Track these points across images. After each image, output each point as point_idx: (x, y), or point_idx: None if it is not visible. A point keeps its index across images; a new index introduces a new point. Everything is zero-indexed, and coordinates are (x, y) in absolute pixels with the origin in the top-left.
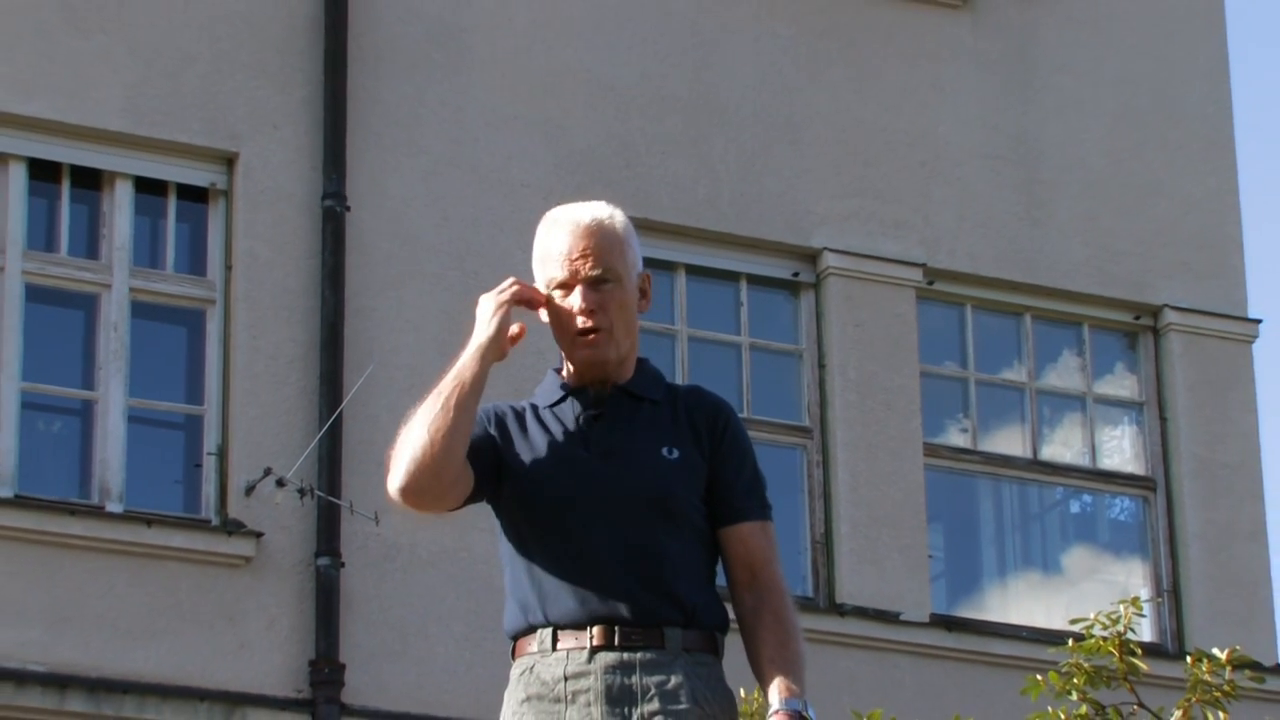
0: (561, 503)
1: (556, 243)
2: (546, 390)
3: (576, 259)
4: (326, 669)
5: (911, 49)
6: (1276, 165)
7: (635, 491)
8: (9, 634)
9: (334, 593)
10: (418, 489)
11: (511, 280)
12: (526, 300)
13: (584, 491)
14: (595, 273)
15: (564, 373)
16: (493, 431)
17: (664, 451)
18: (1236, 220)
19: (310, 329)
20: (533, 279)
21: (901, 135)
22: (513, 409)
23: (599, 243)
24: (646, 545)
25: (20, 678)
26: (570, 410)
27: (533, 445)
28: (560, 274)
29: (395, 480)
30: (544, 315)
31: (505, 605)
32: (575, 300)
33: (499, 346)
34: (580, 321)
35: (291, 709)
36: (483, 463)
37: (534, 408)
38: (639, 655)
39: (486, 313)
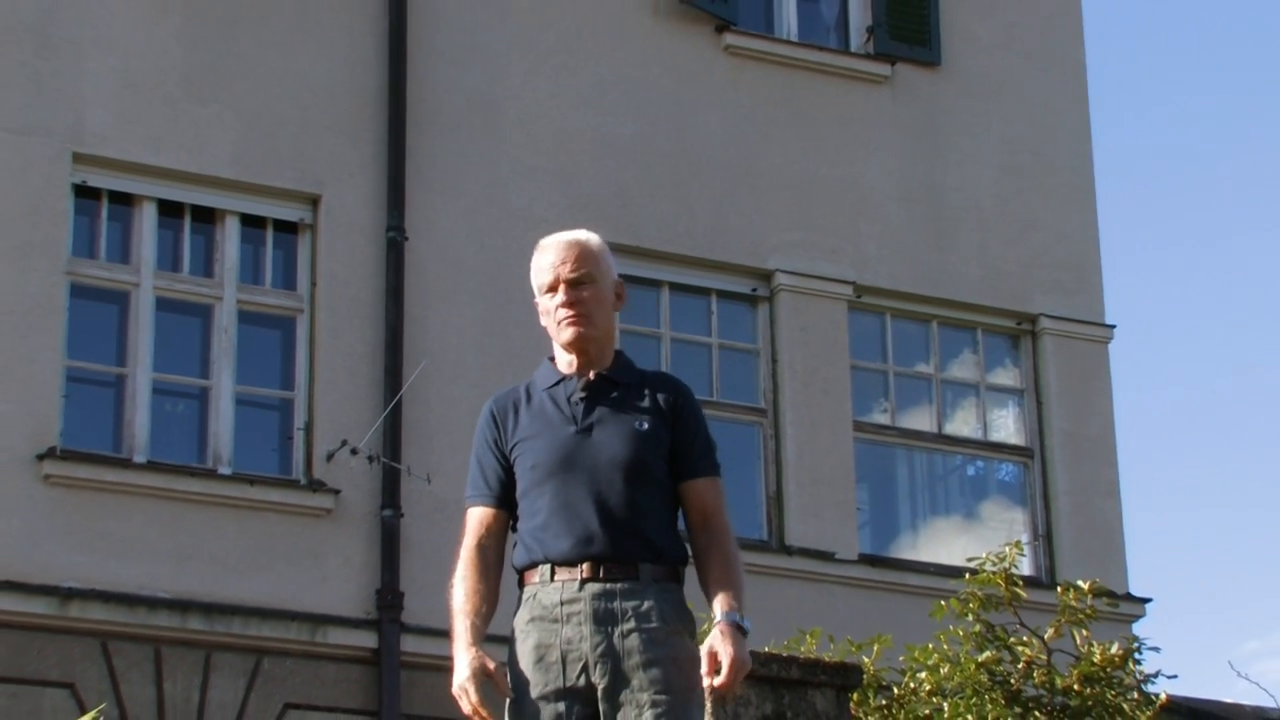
0: (556, 467)
1: (545, 258)
2: (544, 375)
3: (559, 265)
4: (390, 596)
5: (845, 115)
6: (1128, 205)
7: (613, 457)
8: (143, 569)
9: (395, 537)
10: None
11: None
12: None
13: (573, 458)
14: (574, 275)
15: (557, 362)
16: (500, 442)
17: (636, 425)
18: (1096, 248)
19: (377, 333)
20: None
21: (837, 182)
22: (512, 398)
23: (577, 253)
24: (623, 499)
25: (151, 603)
26: (563, 392)
27: (533, 421)
28: (549, 279)
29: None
30: (542, 319)
31: (516, 545)
32: (559, 296)
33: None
34: (563, 313)
35: (362, 627)
36: (509, 479)
37: (532, 388)
38: (619, 585)
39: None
